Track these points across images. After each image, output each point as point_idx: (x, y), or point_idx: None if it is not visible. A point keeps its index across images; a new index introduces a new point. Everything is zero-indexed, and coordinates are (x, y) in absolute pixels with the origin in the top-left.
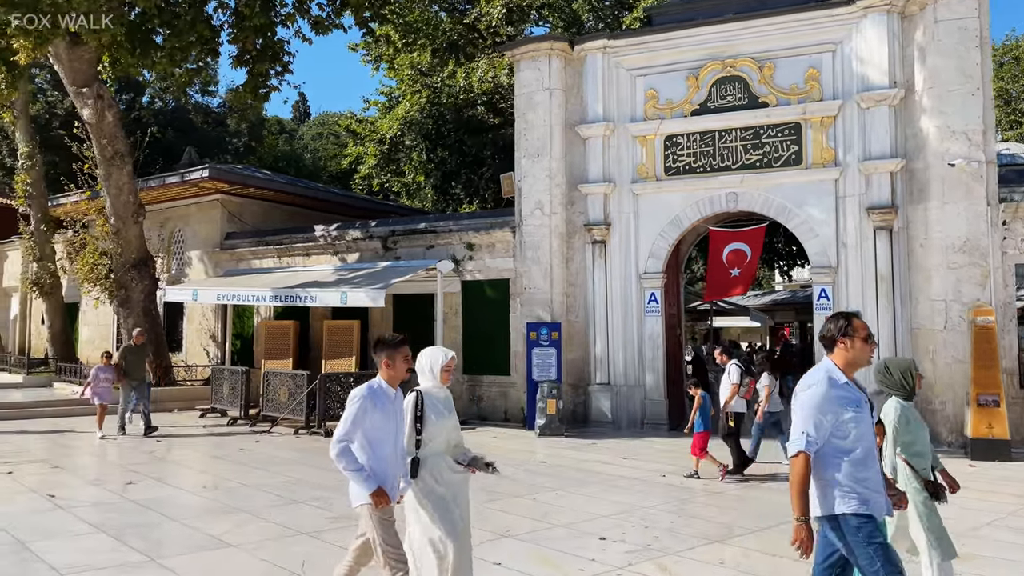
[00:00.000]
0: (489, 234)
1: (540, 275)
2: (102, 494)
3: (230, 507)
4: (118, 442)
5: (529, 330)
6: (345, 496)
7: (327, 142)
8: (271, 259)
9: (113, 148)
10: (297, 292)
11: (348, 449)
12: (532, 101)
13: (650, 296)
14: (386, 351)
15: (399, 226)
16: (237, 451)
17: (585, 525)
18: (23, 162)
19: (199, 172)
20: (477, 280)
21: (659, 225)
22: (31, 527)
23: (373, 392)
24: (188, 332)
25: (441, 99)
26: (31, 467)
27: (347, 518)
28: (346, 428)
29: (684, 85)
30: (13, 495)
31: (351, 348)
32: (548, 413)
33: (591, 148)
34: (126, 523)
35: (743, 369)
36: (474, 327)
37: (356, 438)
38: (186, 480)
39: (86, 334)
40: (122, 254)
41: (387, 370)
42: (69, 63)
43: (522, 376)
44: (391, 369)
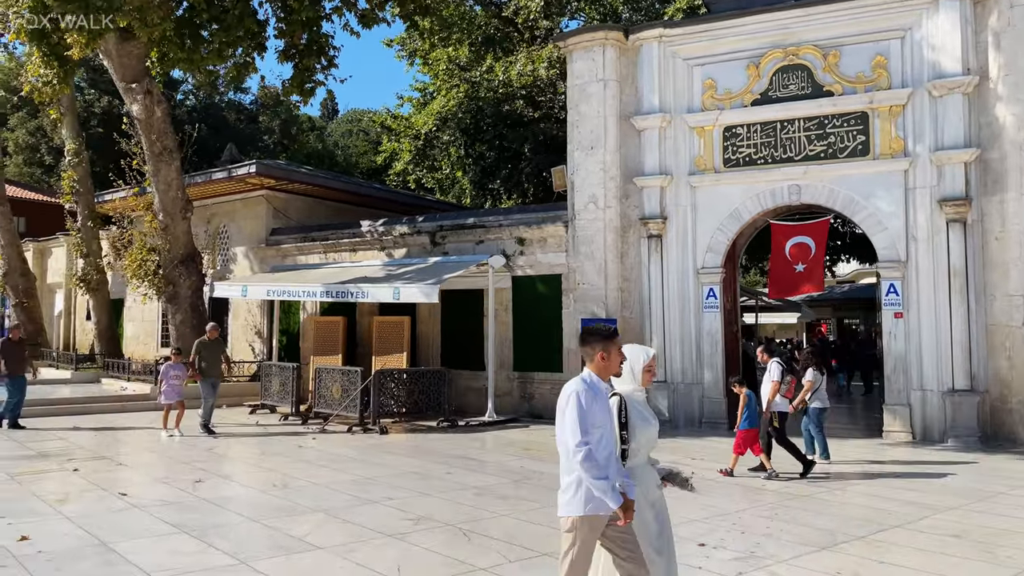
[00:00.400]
0: (541, 228)
1: (594, 270)
2: (173, 492)
3: (305, 507)
4: (178, 439)
5: (583, 326)
6: (421, 497)
7: (357, 139)
8: (317, 255)
9: (162, 144)
10: (348, 288)
11: (592, 453)
12: (585, 92)
13: (708, 291)
14: (601, 343)
15: (447, 221)
16: (296, 448)
17: (678, 530)
18: (70, 159)
19: (246, 168)
20: (528, 275)
21: (718, 218)
22: (111, 527)
23: (589, 387)
24: (234, 328)
25: (479, 93)
26: (94, 464)
27: (428, 519)
28: (580, 427)
29: (744, 74)
30: (84, 493)
31: (401, 344)
32: None
33: (646, 140)
34: (205, 523)
35: (785, 367)
36: (525, 323)
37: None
38: (253, 478)
39: (131, 330)
40: (170, 250)
41: (601, 363)
42: (119, 59)
43: (575, 373)
44: (606, 362)
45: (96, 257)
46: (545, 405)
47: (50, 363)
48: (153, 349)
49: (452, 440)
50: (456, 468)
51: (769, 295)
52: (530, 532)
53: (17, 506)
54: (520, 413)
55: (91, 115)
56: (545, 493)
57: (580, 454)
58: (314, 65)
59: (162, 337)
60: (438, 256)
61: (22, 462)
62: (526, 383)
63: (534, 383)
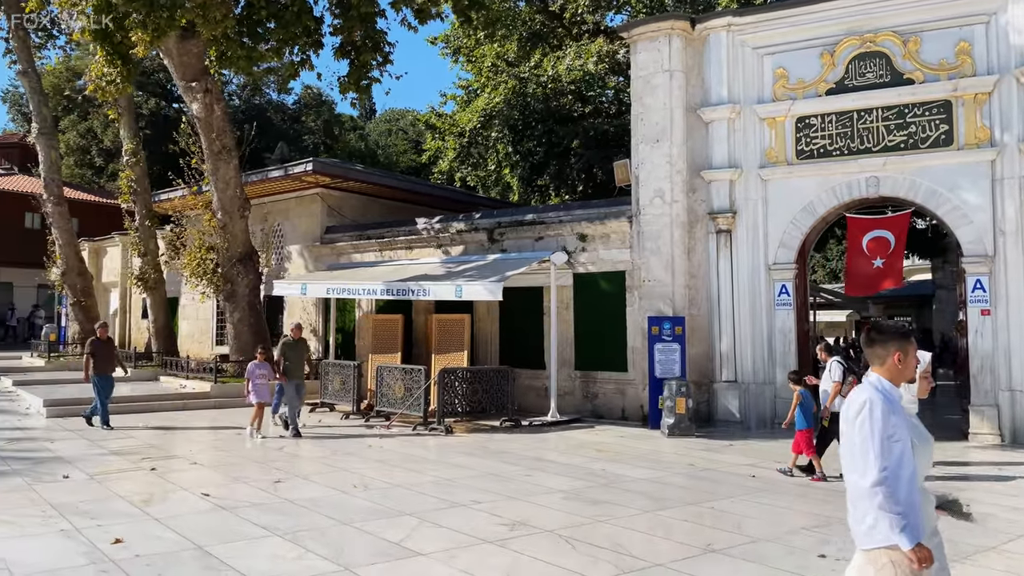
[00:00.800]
0: (604, 224)
1: (660, 267)
2: (255, 493)
3: (392, 509)
4: (259, 441)
5: (650, 324)
6: (508, 501)
7: (396, 138)
8: (372, 253)
9: (221, 142)
10: (409, 285)
11: (892, 489)
12: (650, 84)
13: (781, 288)
14: (897, 342)
15: (505, 217)
16: (365, 448)
17: (790, 539)
18: (127, 158)
19: (303, 165)
20: (590, 272)
21: (790, 212)
22: (202, 530)
23: (885, 396)
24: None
25: (527, 89)
26: (168, 463)
27: (523, 525)
28: (877, 450)
29: (818, 63)
30: (167, 494)
31: (462, 343)
32: (677, 412)
33: (714, 132)
34: (296, 526)
35: (846, 367)
36: (587, 322)
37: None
38: (331, 479)
39: (185, 328)
40: (228, 249)
41: (897, 367)
42: (179, 57)
43: (641, 373)
44: (902, 365)
45: (153, 256)
46: (610, 405)
47: None
48: (208, 347)
49: (520, 440)
50: (535, 471)
51: (846, 292)
52: (636, 540)
53: (102, 507)
54: (583, 413)
55: (139, 117)
56: (635, 498)
57: (878, 496)
58: (370, 61)
59: (217, 335)
60: (496, 253)
61: (97, 461)
62: (588, 382)
63: (597, 382)
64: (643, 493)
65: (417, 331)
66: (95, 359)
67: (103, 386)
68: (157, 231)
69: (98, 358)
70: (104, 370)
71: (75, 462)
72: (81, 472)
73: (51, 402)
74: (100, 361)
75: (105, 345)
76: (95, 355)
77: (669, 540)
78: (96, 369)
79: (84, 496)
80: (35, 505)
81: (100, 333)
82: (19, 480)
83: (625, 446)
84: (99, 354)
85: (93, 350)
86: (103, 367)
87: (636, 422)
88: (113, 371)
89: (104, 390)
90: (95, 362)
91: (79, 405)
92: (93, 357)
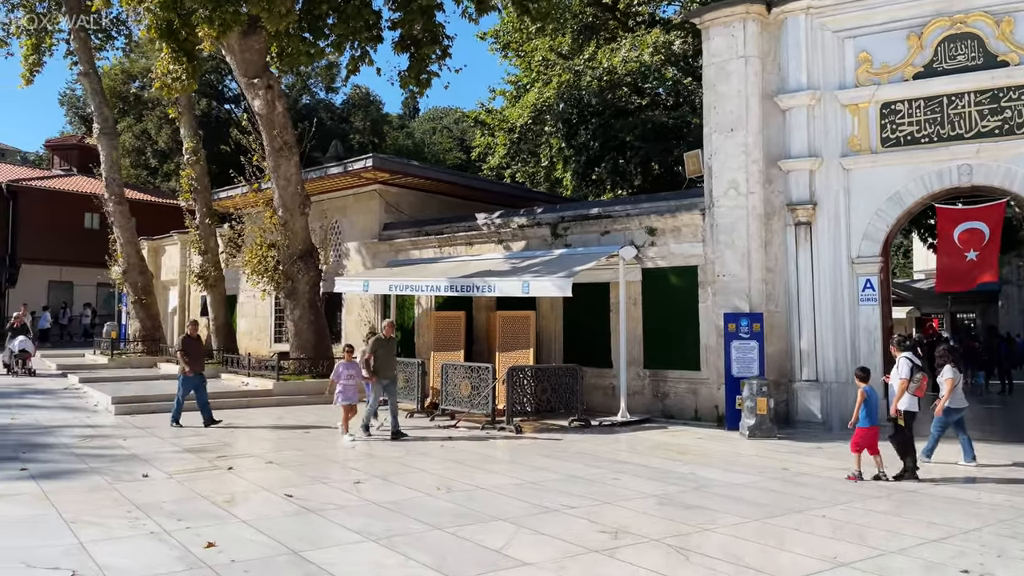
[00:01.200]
0: (674, 217)
1: (735, 261)
2: (337, 494)
3: (483, 514)
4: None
5: (727, 321)
6: (601, 506)
7: (441, 136)
8: (431, 249)
9: (282, 139)
10: (474, 281)
11: None
12: (724, 71)
13: (865, 283)
14: None
15: (569, 212)
16: (438, 447)
17: (920, 551)
18: (188, 157)
19: (362, 162)
20: (659, 267)
21: (875, 203)
22: (293, 534)
23: None
24: (347, 324)
25: (582, 82)
26: (245, 462)
27: (625, 532)
28: None
29: (904, 46)
30: (248, 494)
31: (528, 340)
32: (759, 413)
33: (793, 120)
34: (388, 530)
35: (914, 364)
36: (656, 318)
37: None
38: (411, 479)
39: (243, 326)
40: (289, 246)
41: None
42: (241, 54)
43: (715, 371)
44: None
45: (214, 254)
46: (682, 405)
47: (168, 358)
48: (266, 345)
49: (593, 441)
50: (620, 474)
51: (937, 288)
52: (751, 551)
53: (187, 508)
54: (652, 413)
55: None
56: (735, 505)
57: None
58: (430, 55)
59: (275, 333)
60: (560, 248)
61: (172, 459)
62: (658, 381)
63: (668, 382)
64: (741, 499)
65: (478, 328)
66: (188, 358)
67: (192, 384)
68: (216, 229)
69: (190, 356)
70: (195, 368)
71: (151, 460)
72: (159, 471)
73: (119, 399)
74: (192, 359)
75: (196, 343)
76: (187, 353)
77: (788, 551)
78: (189, 368)
79: (166, 496)
80: (119, 505)
81: (191, 331)
82: (99, 479)
83: (706, 448)
84: (191, 352)
85: (186, 347)
86: (194, 365)
87: (711, 423)
88: (203, 369)
89: (193, 388)
90: (189, 359)
91: (146, 402)
92: (187, 355)
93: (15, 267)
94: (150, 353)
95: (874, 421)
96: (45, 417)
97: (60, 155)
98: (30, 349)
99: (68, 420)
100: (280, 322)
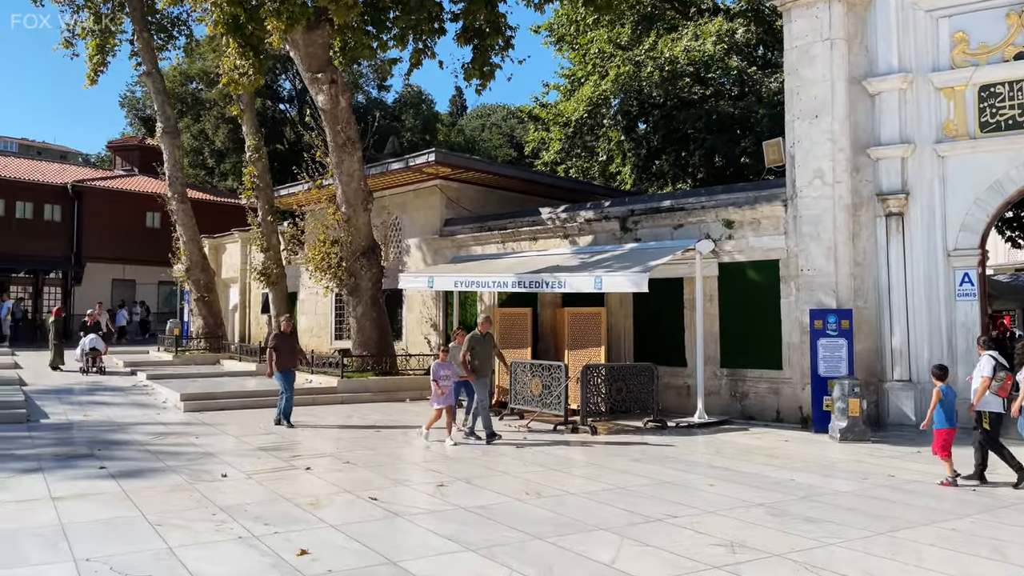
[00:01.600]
0: (753, 209)
1: (821, 254)
2: (423, 498)
3: (581, 522)
4: (385, 435)
5: (813, 318)
6: (706, 515)
7: (490, 133)
8: (494, 245)
9: (346, 134)
10: (543, 277)
11: None
12: (808, 55)
13: (963, 277)
14: None
15: (639, 205)
16: (514, 448)
17: None
18: (250, 154)
19: (424, 157)
20: (737, 262)
21: (974, 192)
22: (387, 541)
23: None
24: (408, 321)
25: (642, 73)
26: (322, 462)
27: (743, 547)
28: None
29: (1003, 24)
30: (332, 496)
31: (599, 337)
32: (851, 415)
33: (882, 105)
34: (486, 539)
35: (997, 362)
36: (733, 315)
37: None
38: (496, 483)
39: (304, 323)
40: (352, 242)
41: None
42: (305, 48)
43: (799, 371)
44: None
45: (276, 251)
46: (762, 406)
47: (231, 355)
48: (327, 342)
49: (673, 443)
50: (716, 479)
51: None
52: (890, 571)
53: (271, 510)
54: (731, 414)
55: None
56: (851, 516)
57: None
58: (492, 46)
59: (335, 330)
60: (630, 243)
61: (248, 458)
62: (736, 381)
63: (747, 381)
64: (855, 509)
65: (543, 325)
66: (279, 354)
67: (287, 383)
68: (277, 226)
69: (282, 352)
70: (288, 365)
71: (226, 459)
72: (236, 470)
73: (187, 396)
74: (283, 356)
75: (289, 339)
76: (279, 349)
77: (931, 571)
78: (279, 364)
79: (248, 498)
80: (202, 507)
81: (284, 327)
82: (178, 478)
83: (797, 452)
84: (282, 348)
85: (277, 344)
86: (287, 362)
87: (794, 424)
88: (296, 366)
89: (287, 387)
90: (278, 357)
91: (213, 399)
92: (277, 352)
93: (80, 266)
94: (213, 350)
95: (951, 422)
96: (116, 414)
97: (122, 156)
98: (101, 347)
99: (139, 417)
100: (340, 319)
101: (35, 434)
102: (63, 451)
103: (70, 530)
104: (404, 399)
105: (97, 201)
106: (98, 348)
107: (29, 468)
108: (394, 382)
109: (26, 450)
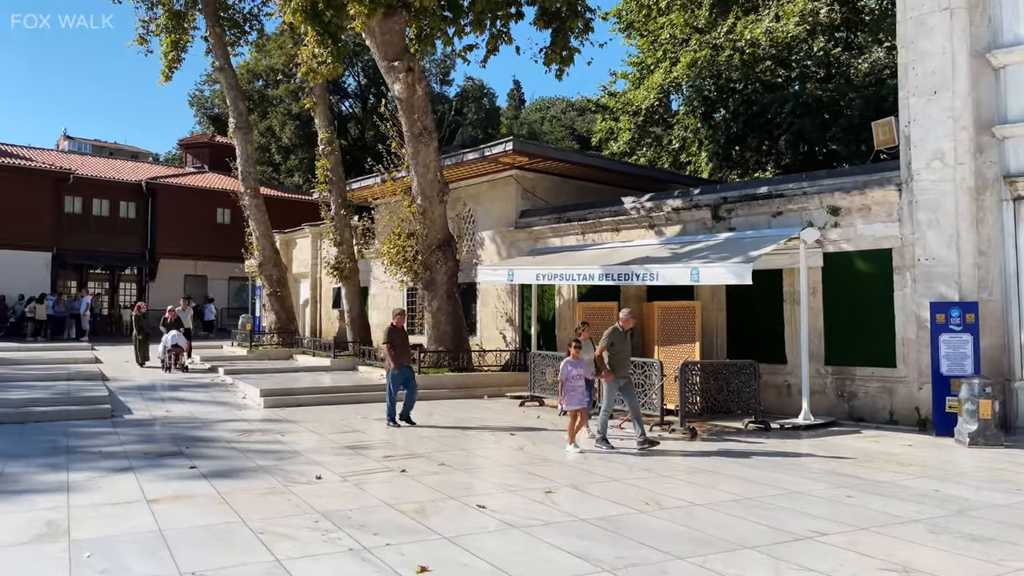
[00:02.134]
0: (863, 194)
1: (940, 243)
2: (533, 506)
3: (720, 539)
4: (474, 435)
5: (934, 312)
6: (857, 532)
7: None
8: (573, 236)
9: (422, 124)
10: (632, 269)
11: None
12: (925, 25)
13: None
14: None
15: (732, 192)
16: (612, 452)
17: None
18: (323, 147)
19: (501, 146)
20: (843, 251)
21: None
22: (512, 559)
23: None
24: (482, 316)
25: (720, 57)
26: (416, 464)
27: (917, 572)
28: None
29: None
30: (435, 503)
31: (692, 333)
32: (981, 417)
33: (1009, 79)
34: (619, 557)
35: None
36: (839, 309)
37: None
38: (606, 489)
39: (375, 318)
40: (427, 235)
41: None
42: (381, 36)
43: (914, 368)
44: None
45: (348, 245)
46: (873, 406)
47: (303, 350)
48: None
49: (786, 447)
50: (851, 490)
51: None
52: None
53: (376, 518)
54: (837, 415)
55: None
56: (1018, 533)
57: None
58: (572, 29)
59: (407, 325)
60: (724, 232)
61: (338, 458)
62: (843, 380)
63: (855, 380)
64: (1018, 526)
65: None
66: (395, 350)
67: (401, 379)
68: (349, 220)
69: (397, 347)
70: (403, 361)
71: (316, 459)
72: (330, 472)
73: (267, 392)
74: (400, 351)
75: (402, 333)
76: (395, 344)
77: None
78: (395, 360)
79: (348, 503)
80: (302, 513)
81: (397, 321)
82: (272, 480)
83: (925, 458)
84: (398, 343)
85: (392, 339)
86: (401, 358)
87: (910, 426)
88: (410, 362)
89: (403, 383)
90: (396, 352)
91: (292, 395)
92: (394, 347)
93: (154, 262)
94: (286, 345)
95: None
96: (198, 410)
97: (192, 153)
98: (183, 344)
99: (221, 414)
100: (412, 314)
101: (120, 430)
102: (152, 449)
103: (169, 537)
104: (482, 396)
105: (170, 198)
106: (180, 345)
107: (120, 467)
108: (471, 378)
109: (114, 447)
